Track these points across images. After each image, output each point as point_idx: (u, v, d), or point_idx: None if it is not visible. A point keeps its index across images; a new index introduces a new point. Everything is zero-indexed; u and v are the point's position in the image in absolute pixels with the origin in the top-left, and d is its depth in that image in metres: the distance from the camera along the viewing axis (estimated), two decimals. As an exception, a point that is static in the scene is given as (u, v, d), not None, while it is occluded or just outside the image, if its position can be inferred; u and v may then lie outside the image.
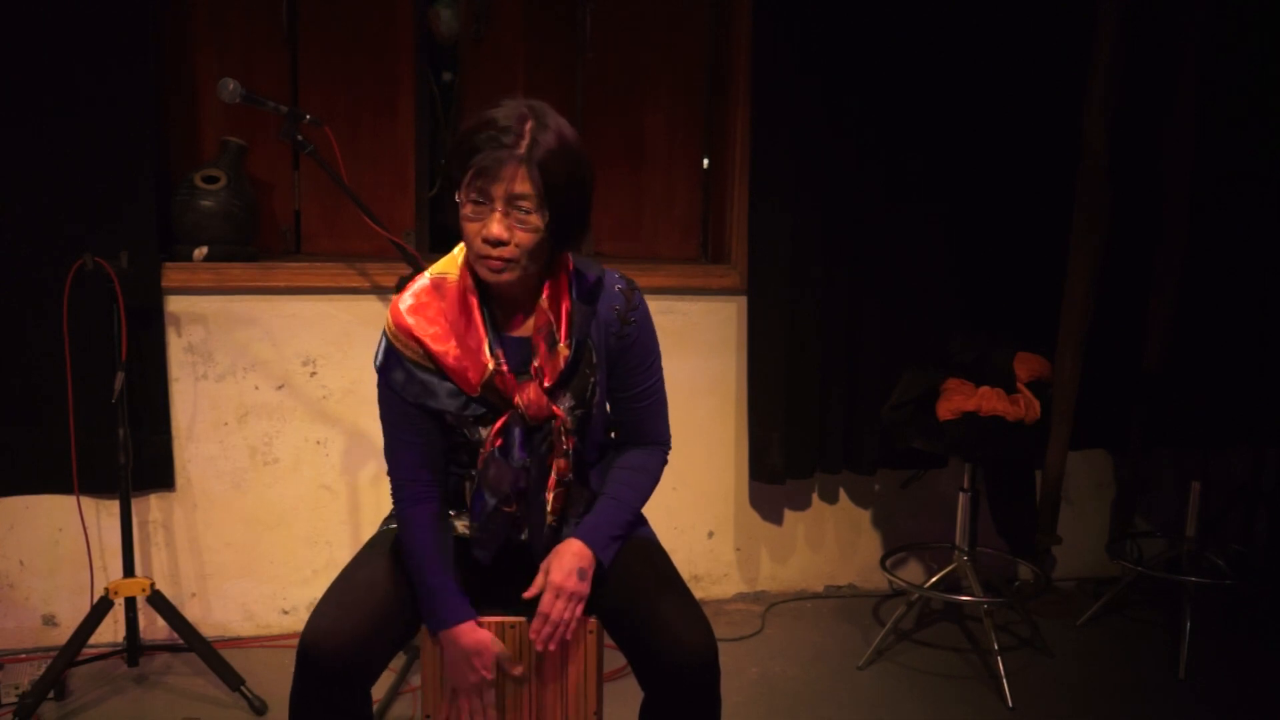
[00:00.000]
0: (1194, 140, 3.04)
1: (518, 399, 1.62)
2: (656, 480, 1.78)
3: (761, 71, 2.99)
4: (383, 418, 1.69)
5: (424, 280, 1.66)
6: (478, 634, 1.64)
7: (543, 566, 1.65)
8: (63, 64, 2.55)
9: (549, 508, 1.68)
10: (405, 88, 3.07)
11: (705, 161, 3.34)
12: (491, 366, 1.60)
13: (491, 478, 1.63)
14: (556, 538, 1.69)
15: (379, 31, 3.05)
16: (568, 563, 1.62)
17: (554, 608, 1.61)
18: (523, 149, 1.50)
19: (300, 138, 2.51)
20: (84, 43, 2.55)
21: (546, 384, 1.62)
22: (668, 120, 3.30)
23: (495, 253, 1.53)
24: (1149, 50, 3.04)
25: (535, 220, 1.52)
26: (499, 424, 1.63)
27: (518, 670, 1.69)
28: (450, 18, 3.12)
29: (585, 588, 1.63)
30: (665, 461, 1.80)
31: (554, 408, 1.63)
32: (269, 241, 3.03)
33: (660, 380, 1.77)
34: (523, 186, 1.50)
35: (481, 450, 1.64)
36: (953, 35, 3.03)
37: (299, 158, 3.04)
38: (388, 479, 1.71)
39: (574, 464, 1.68)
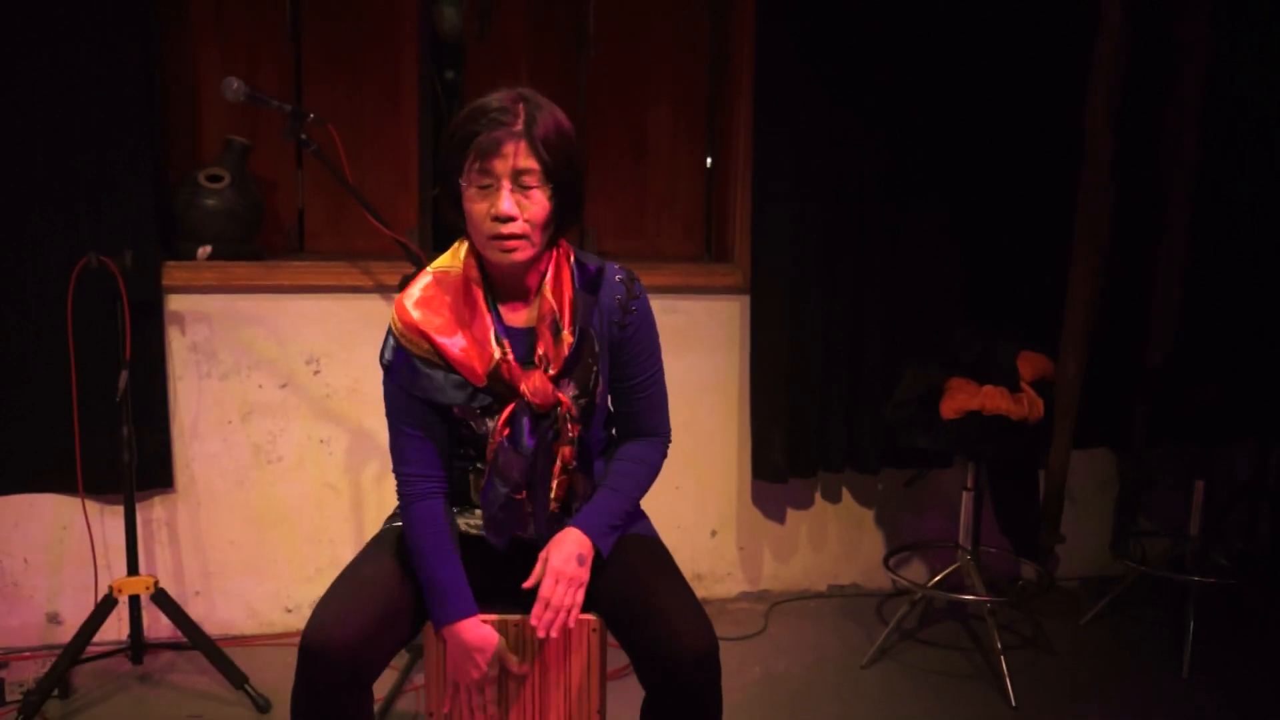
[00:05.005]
0: (1197, 138, 3.04)
1: (523, 387, 1.62)
2: (656, 471, 1.78)
3: (765, 70, 2.98)
4: (388, 413, 1.70)
5: (426, 277, 1.68)
6: (481, 630, 1.65)
7: (541, 555, 1.65)
8: (64, 63, 2.55)
9: (552, 494, 1.68)
10: (408, 86, 3.07)
11: (709, 159, 3.33)
12: (498, 355, 1.61)
13: (502, 466, 1.64)
14: (558, 527, 1.70)
15: (382, 30, 3.06)
16: (566, 549, 1.63)
17: (554, 592, 1.61)
18: (520, 126, 1.53)
19: (304, 136, 2.51)
20: (86, 42, 2.55)
21: (552, 372, 1.63)
22: (671, 118, 3.29)
23: (506, 229, 1.55)
24: (1152, 48, 3.03)
25: (541, 195, 1.55)
26: (506, 413, 1.63)
27: (521, 668, 1.69)
28: (454, 15, 3.12)
29: (585, 573, 1.64)
30: (665, 454, 1.80)
31: (559, 395, 1.64)
32: (272, 240, 3.03)
33: (660, 371, 1.77)
34: (527, 161, 1.53)
35: (490, 440, 1.65)
36: (957, 34, 3.02)
37: (302, 156, 3.04)
38: (392, 476, 1.72)
39: (578, 452, 1.68)
